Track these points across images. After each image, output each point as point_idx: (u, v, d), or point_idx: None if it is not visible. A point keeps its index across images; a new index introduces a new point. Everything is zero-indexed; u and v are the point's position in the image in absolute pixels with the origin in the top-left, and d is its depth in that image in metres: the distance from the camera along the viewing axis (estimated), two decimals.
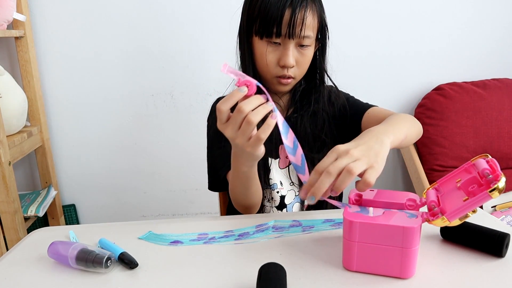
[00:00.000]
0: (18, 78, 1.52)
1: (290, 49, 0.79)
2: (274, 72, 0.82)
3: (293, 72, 0.82)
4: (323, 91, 0.90)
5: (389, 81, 1.77)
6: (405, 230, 0.51)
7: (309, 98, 0.90)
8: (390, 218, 0.53)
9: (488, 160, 0.53)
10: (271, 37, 0.78)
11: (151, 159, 1.77)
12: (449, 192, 0.56)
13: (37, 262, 0.61)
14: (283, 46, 0.80)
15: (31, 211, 1.48)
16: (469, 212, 0.50)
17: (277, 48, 0.80)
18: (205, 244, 0.65)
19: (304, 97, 0.91)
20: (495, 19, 1.72)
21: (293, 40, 0.78)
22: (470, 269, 0.55)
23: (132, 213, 1.84)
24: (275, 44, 0.80)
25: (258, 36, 0.80)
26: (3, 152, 1.29)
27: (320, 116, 0.90)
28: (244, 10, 0.85)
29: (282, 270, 0.51)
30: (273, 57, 0.81)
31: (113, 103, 1.69)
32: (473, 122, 1.60)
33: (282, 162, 0.92)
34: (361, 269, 0.55)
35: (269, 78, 0.84)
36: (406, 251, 0.52)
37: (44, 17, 1.58)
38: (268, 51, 0.80)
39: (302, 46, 0.80)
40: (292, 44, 0.79)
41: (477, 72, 1.75)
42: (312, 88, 0.90)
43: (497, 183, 0.47)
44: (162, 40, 1.64)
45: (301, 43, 0.79)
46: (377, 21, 1.69)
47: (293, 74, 0.82)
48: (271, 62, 0.81)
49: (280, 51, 0.80)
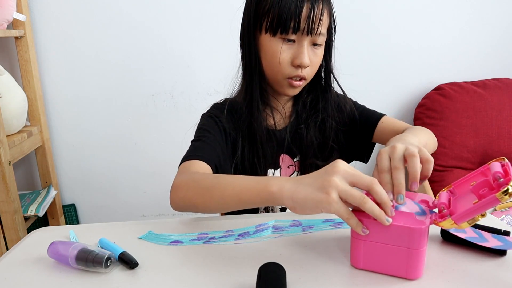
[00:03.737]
0: (18, 78, 1.52)
1: (305, 47, 0.75)
2: (287, 73, 0.77)
3: (306, 72, 0.78)
4: (331, 98, 0.87)
5: (389, 81, 1.77)
6: (412, 231, 0.51)
7: (317, 107, 0.86)
8: (398, 218, 0.53)
9: (504, 164, 0.52)
10: (287, 33, 0.73)
11: (151, 159, 1.77)
12: (462, 195, 0.55)
13: (37, 262, 0.61)
14: (298, 44, 0.75)
15: (31, 211, 1.48)
16: (477, 215, 0.49)
17: (291, 46, 0.76)
18: (205, 244, 0.65)
19: (312, 107, 0.87)
20: (495, 19, 1.72)
21: (310, 37, 0.74)
22: (471, 269, 0.55)
23: (132, 213, 1.84)
24: (289, 41, 0.75)
25: (270, 33, 0.75)
26: (3, 152, 1.29)
27: (329, 124, 0.86)
28: (249, 7, 0.79)
29: (282, 270, 0.51)
30: (286, 56, 0.76)
31: (113, 103, 1.69)
32: (473, 122, 1.60)
33: (283, 171, 0.89)
34: (367, 267, 0.55)
35: (279, 79, 0.79)
36: (412, 252, 0.51)
37: (44, 17, 1.58)
38: (282, 49, 0.75)
39: (316, 45, 0.77)
40: (307, 42, 0.75)
41: (477, 72, 1.75)
42: (319, 95, 0.86)
43: (507, 187, 0.46)
44: (162, 40, 1.64)
45: (315, 41, 0.76)
46: (377, 21, 1.69)
47: (306, 75, 0.78)
48: (285, 61, 0.76)
49: (293, 49, 0.75)
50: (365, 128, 0.87)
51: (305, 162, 0.87)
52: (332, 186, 0.49)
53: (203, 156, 0.76)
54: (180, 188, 0.68)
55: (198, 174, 0.69)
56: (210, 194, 0.63)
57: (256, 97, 0.82)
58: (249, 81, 0.82)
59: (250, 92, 0.83)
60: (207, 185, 0.64)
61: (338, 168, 0.50)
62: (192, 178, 0.68)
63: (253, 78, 0.81)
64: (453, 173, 1.58)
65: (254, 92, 0.82)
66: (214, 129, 0.83)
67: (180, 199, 0.68)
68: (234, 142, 0.85)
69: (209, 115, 0.87)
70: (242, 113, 0.84)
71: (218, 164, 0.78)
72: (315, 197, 0.50)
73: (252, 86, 0.82)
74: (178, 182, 0.69)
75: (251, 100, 0.82)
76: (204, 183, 0.65)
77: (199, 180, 0.66)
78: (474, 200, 0.50)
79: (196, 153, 0.77)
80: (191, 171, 0.72)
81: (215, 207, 0.64)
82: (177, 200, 0.69)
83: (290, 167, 0.89)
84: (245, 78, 0.84)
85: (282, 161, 0.88)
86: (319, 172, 0.53)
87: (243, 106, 0.83)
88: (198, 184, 0.65)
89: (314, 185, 0.51)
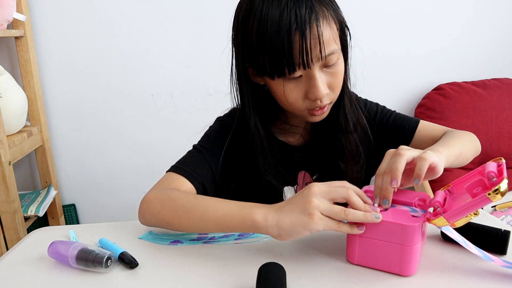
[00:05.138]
0: (18, 78, 1.52)
1: (317, 77, 0.63)
2: (304, 107, 0.68)
3: (328, 99, 0.67)
4: (348, 102, 0.76)
5: (389, 81, 1.77)
6: (404, 228, 0.51)
7: (337, 114, 0.75)
8: (392, 215, 0.54)
9: (500, 164, 0.52)
10: (284, 75, 0.63)
11: (151, 159, 1.77)
12: (459, 194, 0.56)
13: (37, 262, 0.61)
14: (306, 77, 0.64)
15: (31, 211, 1.48)
16: (469, 213, 0.50)
17: (299, 82, 0.65)
18: (205, 244, 0.65)
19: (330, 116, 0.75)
20: (495, 19, 1.72)
21: (315, 64, 0.63)
22: (471, 268, 0.55)
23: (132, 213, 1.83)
24: (294, 79, 0.64)
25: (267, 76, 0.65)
26: (3, 152, 1.29)
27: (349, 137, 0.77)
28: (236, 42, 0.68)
29: (282, 270, 0.51)
30: (297, 94, 0.66)
31: (113, 103, 1.69)
32: (473, 122, 1.60)
33: (300, 188, 0.81)
34: (362, 263, 0.56)
35: (298, 113, 0.70)
36: (406, 249, 0.52)
37: (44, 17, 1.58)
38: (289, 88, 0.65)
39: (329, 67, 0.65)
40: (316, 70, 0.63)
41: (477, 72, 1.75)
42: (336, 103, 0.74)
43: (498, 186, 0.46)
44: (162, 40, 1.64)
45: (327, 64, 0.64)
46: (377, 21, 1.69)
47: (328, 101, 0.68)
48: (297, 100, 0.66)
49: (303, 83, 0.65)
50: (400, 137, 0.80)
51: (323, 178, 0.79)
52: (313, 207, 0.51)
53: (191, 174, 0.71)
54: (153, 204, 0.66)
55: (176, 193, 0.66)
56: (188, 215, 0.61)
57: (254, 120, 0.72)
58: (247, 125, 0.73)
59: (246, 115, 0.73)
60: (185, 205, 0.62)
61: (313, 189, 0.53)
62: (168, 196, 0.65)
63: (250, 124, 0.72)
64: (452, 173, 1.58)
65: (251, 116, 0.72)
66: (220, 141, 0.77)
67: (152, 215, 0.66)
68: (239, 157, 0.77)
69: (222, 123, 0.81)
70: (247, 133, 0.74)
71: (208, 182, 0.73)
72: (300, 221, 0.52)
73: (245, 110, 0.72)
74: (152, 197, 0.67)
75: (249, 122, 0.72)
76: (181, 202, 0.63)
77: (176, 199, 0.64)
78: (468, 198, 0.51)
79: (186, 168, 0.73)
80: (170, 187, 0.69)
81: (192, 228, 0.62)
82: (148, 216, 0.67)
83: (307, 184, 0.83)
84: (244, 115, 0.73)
85: (300, 178, 0.82)
86: (297, 196, 0.55)
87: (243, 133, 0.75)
88: (175, 203, 0.63)
89: (296, 210, 0.53)
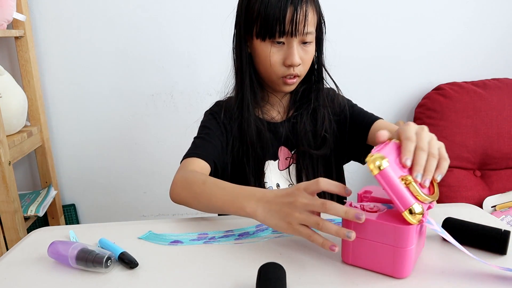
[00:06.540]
0: (18, 78, 1.52)
1: (295, 47, 0.79)
2: (280, 73, 0.82)
3: (298, 70, 0.82)
4: (323, 88, 0.91)
5: (389, 81, 1.77)
6: (397, 230, 0.50)
7: (309, 96, 0.90)
8: (388, 217, 0.52)
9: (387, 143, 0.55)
10: (275, 37, 0.78)
11: (151, 159, 1.77)
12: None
13: (37, 262, 0.61)
14: (287, 45, 0.80)
15: (31, 211, 1.48)
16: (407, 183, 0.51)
17: (281, 48, 0.80)
18: (205, 244, 0.65)
19: (303, 96, 0.91)
20: (495, 19, 1.72)
21: (297, 37, 0.79)
22: (471, 268, 0.55)
23: (132, 213, 1.84)
24: (278, 44, 0.80)
25: (259, 38, 0.80)
26: (3, 152, 1.29)
27: (321, 113, 0.90)
28: (240, 13, 0.84)
29: (282, 270, 0.51)
30: (277, 58, 0.81)
31: (113, 103, 1.69)
32: (473, 122, 1.60)
33: (281, 163, 0.92)
34: (356, 263, 0.56)
35: (274, 79, 0.84)
36: (399, 251, 0.51)
37: (44, 17, 1.58)
38: (272, 52, 0.80)
39: (305, 44, 0.81)
40: (295, 42, 0.79)
41: (477, 72, 1.75)
42: (311, 86, 0.90)
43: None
44: (162, 40, 1.64)
45: (304, 40, 0.80)
46: (377, 21, 1.69)
47: (299, 72, 0.82)
48: (276, 63, 0.81)
49: (284, 50, 0.80)
50: (360, 128, 0.90)
51: (298, 151, 0.91)
52: (293, 217, 0.58)
53: (202, 154, 0.83)
54: (176, 185, 0.77)
55: (192, 175, 0.76)
56: (198, 200, 0.72)
57: (247, 100, 0.87)
58: (240, 85, 0.88)
59: (241, 96, 0.88)
60: (196, 191, 0.72)
61: (295, 201, 0.58)
62: (186, 178, 0.76)
63: (244, 82, 0.87)
64: (453, 173, 1.58)
65: (245, 95, 0.87)
66: (214, 126, 0.90)
67: (176, 195, 0.76)
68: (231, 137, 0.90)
69: (210, 112, 0.95)
70: (234, 112, 0.89)
71: (217, 160, 0.85)
72: (281, 226, 0.60)
73: (243, 90, 0.87)
74: (176, 179, 0.78)
75: (242, 102, 0.88)
76: (193, 188, 0.73)
77: (191, 183, 0.74)
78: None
79: (196, 151, 0.84)
80: (189, 169, 0.79)
81: (204, 210, 0.73)
82: (174, 196, 0.77)
83: (288, 159, 0.92)
84: (237, 81, 0.90)
85: (280, 153, 0.92)
86: (284, 199, 0.60)
87: (234, 107, 0.89)
88: (190, 187, 0.73)
89: (279, 215, 0.60)
